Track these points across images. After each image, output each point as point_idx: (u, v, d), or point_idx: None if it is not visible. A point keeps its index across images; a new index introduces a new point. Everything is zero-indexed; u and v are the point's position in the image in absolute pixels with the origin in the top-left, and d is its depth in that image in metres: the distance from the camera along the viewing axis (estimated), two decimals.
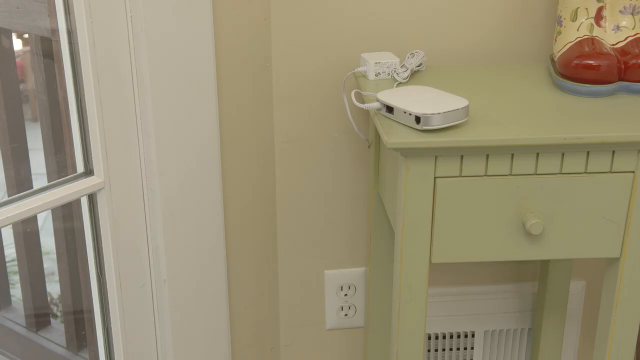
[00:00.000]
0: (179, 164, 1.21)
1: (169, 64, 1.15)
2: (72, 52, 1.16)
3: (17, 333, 1.90)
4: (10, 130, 1.52)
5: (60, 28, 1.17)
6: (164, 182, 1.21)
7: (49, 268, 1.93)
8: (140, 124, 1.18)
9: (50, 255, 1.92)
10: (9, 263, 1.93)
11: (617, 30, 1.14)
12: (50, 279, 1.94)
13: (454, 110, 0.99)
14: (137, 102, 1.16)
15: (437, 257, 1.05)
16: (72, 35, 1.14)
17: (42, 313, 1.89)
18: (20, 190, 1.12)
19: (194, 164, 1.22)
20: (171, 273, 1.26)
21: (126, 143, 1.18)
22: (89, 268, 1.29)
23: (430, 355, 1.49)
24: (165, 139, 1.19)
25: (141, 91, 1.16)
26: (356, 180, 1.36)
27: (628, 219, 1.03)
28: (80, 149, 1.20)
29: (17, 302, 1.96)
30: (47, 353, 1.85)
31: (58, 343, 1.84)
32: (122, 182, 1.19)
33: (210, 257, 1.29)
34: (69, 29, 1.15)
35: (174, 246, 1.25)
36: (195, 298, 1.30)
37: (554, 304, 1.40)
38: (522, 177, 1.02)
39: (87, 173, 1.19)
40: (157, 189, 1.21)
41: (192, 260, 1.27)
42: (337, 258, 1.42)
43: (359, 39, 1.27)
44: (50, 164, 1.50)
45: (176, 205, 1.23)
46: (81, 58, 1.11)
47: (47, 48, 1.44)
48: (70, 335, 1.80)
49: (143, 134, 1.18)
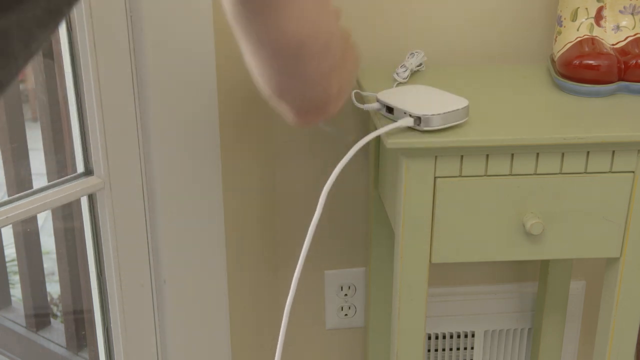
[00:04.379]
0: (179, 164, 1.21)
1: (169, 63, 1.15)
2: (72, 52, 1.16)
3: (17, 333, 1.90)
4: (10, 130, 1.52)
5: (60, 28, 1.17)
6: (164, 182, 1.21)
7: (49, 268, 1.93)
8: (140, 124, 1.18)
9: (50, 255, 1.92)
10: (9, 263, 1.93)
11: (617, 30, 1.14)
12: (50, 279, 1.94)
13: (454, 111, 0.99)
14: (137, 101, 1.16)
15: (437, 257, 1.05)
16: (72, 35, 1.14)
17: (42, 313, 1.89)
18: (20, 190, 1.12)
19: (194, 164, 1.22)
20: (171, 273, 1.26)
21: (126, 143, 1.18)
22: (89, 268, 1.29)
23: (430, 355, 1.49)
24: (166, 139, 1.19)
25: (141, 91, 1.16)
26: (356, 180, 1.36)
27: (628, 219, 1.03)
28: (80, 149, 1.20)
29: (17, 302, 1.96)
30: (47, 353, 1.85)
31: (58, 343, 1.84)
32: (122, 182, 1.19)
33: (210, 257, 1.29)
34: (69, 28, 1.15)
35: (174, 246, 1.25)
36: (195, 298, 1.30)
37: (554, 304, 1.40)
38: (522, 177, 1.02)
39: (87, 173, 1.19)
40: (157, 189, 1.21)
41: (192, 260, 1.27)
42: (337, 258, 1.42)
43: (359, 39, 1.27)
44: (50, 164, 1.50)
45: (176, 205, 1.23)
46: (81, 58, 1.11)
47: (47, 48, 1.44)
48: (70, 335, 1.80)
49: (143, 134, 1.18)
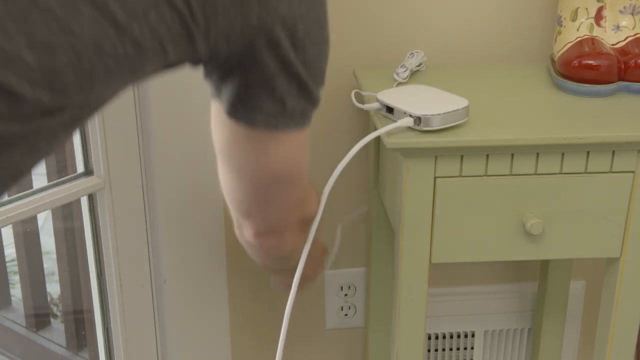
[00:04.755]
0: (179, 164, 1.21)
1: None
2: None
3: (17, 333, 1.90)
4: None
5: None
6: (164, 182, 1.21)
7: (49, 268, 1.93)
8: (140, 124, 1.18)
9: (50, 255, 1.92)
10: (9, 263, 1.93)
11: (617, 30, 1.14)
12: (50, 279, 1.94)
13: (454, 111, 0.99)
14: (137, 101, 1.16)
15: (437, 257, 1.05)
16: None
17: (42, 313, 1.89)
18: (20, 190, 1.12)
19: (194, 164, 1.22)
20: (171, 273, 1.26)
21: (126, 143, 1.18)
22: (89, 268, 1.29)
23: (430, 355, 1.49)
24: (166, 139, 1.19)
25: (141, 91, 1.16)
26: (356, 180, 1.35)
27: (628, 219, 1.03)
28: (80, 149, 1.20)
29: (17, 302, 1.96)
30: (47, 353, 1.85)
31: (58, 343, 1.84)
32: (122, 182, 1.19)
33: (210, 257, 1.29)
34: None
35: (174, 246, 1.25)
36: (195, 298, 1.30)
37: (554, 304, 1.40)
38: (522, 177, 1.02)
39: (87, 173, 1.19)
40: (157, 189, 1.21)
41: (192, 260, 1.27)
42: (337, 258, 1.42)
43: (359, 39, 1.27)
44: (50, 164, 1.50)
45: (176, 205, 1.23)
46: None
47: None
48: (70, 335, 1.80)
49: (143, 134, 1.18)
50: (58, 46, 0.56)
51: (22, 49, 0.55)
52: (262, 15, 0.68)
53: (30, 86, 0.56)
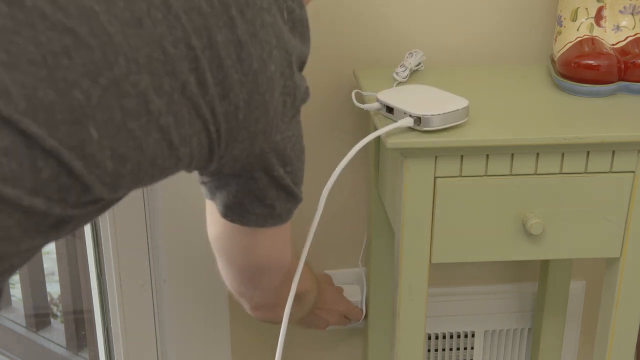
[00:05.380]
0: None
1: None
2: None
3: (17, 333, 1.90)
4: None
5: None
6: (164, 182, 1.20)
7: (49, 268, 1.93)
8: None
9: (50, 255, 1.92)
10: None
11: (617, 30, 1.14)
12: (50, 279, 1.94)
13: (454, 111, 0.99)
14: None
15: (437, 257, 1.05)
16: None
17: (42, 313, 1.89)
18: None
19: None
20: (171, 273, 1.26)
21: None
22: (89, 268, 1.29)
23: (430, 355, 1.49)
24: None
25: None
26: (356, 180, 1.35)
27: (628, 219, 1.03)
28: None
29: (17, 302, 1.96)
30: (47, 353, 1.85)
31: (58, 343, 1.84)
32: None
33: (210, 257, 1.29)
34: None
35: (174, 246, 1.25)
36: (195, 298, 1.30)
37: (554, 304, 1.40)
38: (522, 177, 1.02)
39: None
40: (157, 189, 1.21)
41: (192, 260, 1.27)
42: (337, 258, 1.42)
43: (359, 38, 1.27)
44: None
45: (176, 204, 1.23)
46: None
47: None
48: (70, 335, 1.80)
49: None
50: (129, 159, 0.70)
51: (107, 159, 0.69)
52: (263, 145, 0.81)
53: (102, 185, 0.70)
